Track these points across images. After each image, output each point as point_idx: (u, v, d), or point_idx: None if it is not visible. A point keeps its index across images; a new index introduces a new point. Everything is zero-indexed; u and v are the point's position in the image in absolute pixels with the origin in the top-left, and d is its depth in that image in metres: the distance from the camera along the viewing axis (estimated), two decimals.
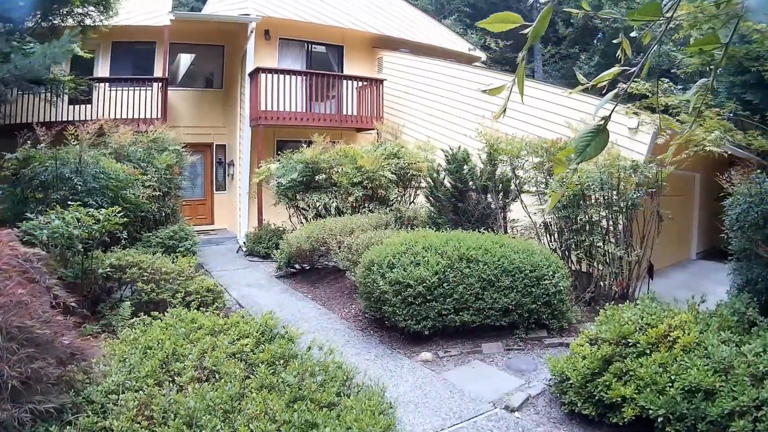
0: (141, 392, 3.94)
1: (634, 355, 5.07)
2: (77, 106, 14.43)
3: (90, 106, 14.60)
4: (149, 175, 11.45)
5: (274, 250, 12.15)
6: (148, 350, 4.60)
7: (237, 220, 16.53)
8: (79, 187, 8.67)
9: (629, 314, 5.60)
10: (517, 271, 7.40)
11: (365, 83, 17.25)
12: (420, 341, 7.39)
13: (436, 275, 7.12)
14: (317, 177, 12.67)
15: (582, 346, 5.61)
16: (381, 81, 17.32)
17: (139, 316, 6.44)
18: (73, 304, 4.30)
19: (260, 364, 4.33)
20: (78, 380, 4.04)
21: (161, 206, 12.23)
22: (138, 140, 12.34)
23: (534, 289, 7.40)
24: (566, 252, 9.47)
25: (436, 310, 7.13)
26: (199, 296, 7.70)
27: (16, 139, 9.27)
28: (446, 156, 10.69)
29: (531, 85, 13.12)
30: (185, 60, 19.66)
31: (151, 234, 11.36)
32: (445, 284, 7.14)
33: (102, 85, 14.88)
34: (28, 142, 9.19)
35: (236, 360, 4.47)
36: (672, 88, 11.04)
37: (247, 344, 4.67)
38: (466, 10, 33.97)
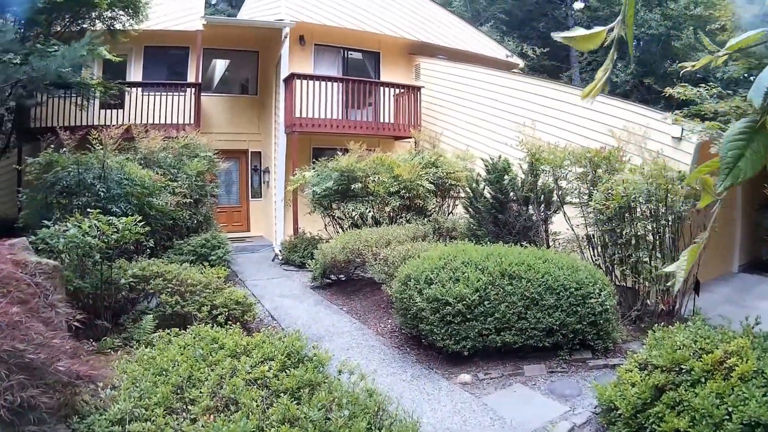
0: (149, 422, 3.55)
1: (688, 384, 4.61)
2: (109, 111, 14.37)
3: (122, 110, 14.53)
4: (179, 182, 11.27)
5: (309, 260, 11.84)
6: (162, 373, 4.21)
7: (273, 228, 16.27)
8: (102, 194, 8.47)
9: (681, 337, 5.13)
10: (562, 288, 6.91)
11: (402, 90, 16.95)
12: (459, 361, 6.95)
13: (477, 293, 6.67)
14: (353, 186, 12.35)
15: (631, 372, 5.13)
16: (418, 88, 17.00)
17: (163, 330, 6.11)
18: (76, 324, 3.91)
19: (282, 394, 3.91)
20: (85, 401, 3.70)
21: (193, 213, 12.04)
22: (168, 146, 12.19)
23: (579, 308, 6.89)
24: (609, 266, 9.01)
25: (477, 330, 6.67)
26: (226, 309, 7.38)
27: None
28: (486, 165, 10.26)
29: (570, 91, 12.88)
30: (220, 66, 19.61)
31: (182, 242, 11.20)
32: (486, 302, 6.69)
33: (134, 89, 14.80)
34: (52, 146, 8.99)
35: (257, 387, 4.06)
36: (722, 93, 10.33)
37: (270, 368, 4.25)
38: (502, 17, 33.56)
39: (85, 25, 12.16)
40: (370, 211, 12.27)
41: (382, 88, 16.77)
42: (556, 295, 6.86)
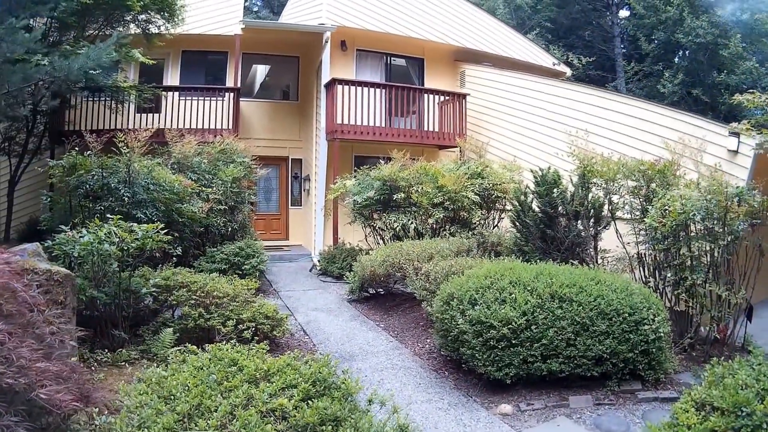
0: None
1: (749, 429, 4.06)
2: (144, 115, 14.26)
3: (158, 114, 14.42)
4: (214, 188, 11.03)
5: (347, 271, 11.52)
6: (171, 398, 3.76)
7: (311, 238, 16.02)
8: (127, 199, 8.27)
9: (744, 376, 4.52)
10: (615, 313, 6.31)
11: (447, 98, 16.53)
12: (499, 390, 6.42)
13: (524, 316, 6.12)
14: (395, 196, 11.95)
15: (687, 412, 4.51)
16: (464, 96, 16.54)
17: (184, 344, 5.73)
18: (72, 342, 3.49)
19: (302, 430, 3.41)
20: (79, 425, 3.34)
21: (228, 221, 11.81)
22: (204, 151, 12.01)
23: (632, 335, 6.29)
24: (658, 287, 8.37)
25: (521, 357, 6.13)
26: (254, 324, 6.99)
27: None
28: (535, 177, 9.72)
29: (623, 100, 12.39)
30: (261, 71, 19.51)
31: (215, 249, 10.94)
32: (533, 327, 6.13)
33: (171, 93, 14.72)
34: (76, 148, 8.82)
35: (275, 419, 3.57)
36: None
37: (291, 398, 3.76)
38: (547, 26, 32.95)
39: (120, 29, 12.07)
40: (412, 223, 11.85)
41: (426, 95, 16.36)
42: (608, 320, 6.28)
